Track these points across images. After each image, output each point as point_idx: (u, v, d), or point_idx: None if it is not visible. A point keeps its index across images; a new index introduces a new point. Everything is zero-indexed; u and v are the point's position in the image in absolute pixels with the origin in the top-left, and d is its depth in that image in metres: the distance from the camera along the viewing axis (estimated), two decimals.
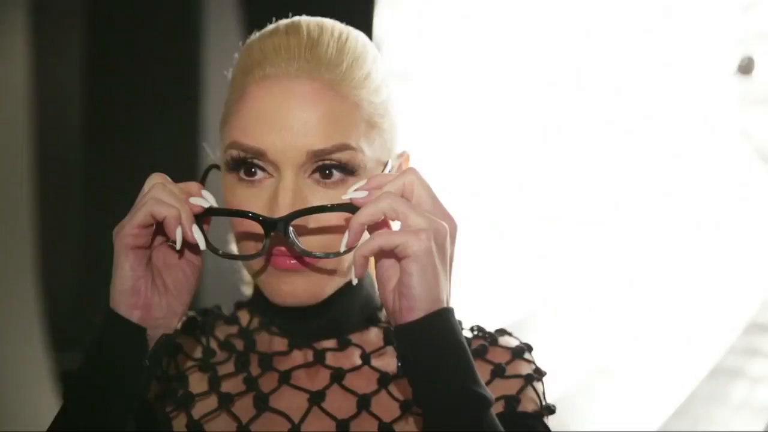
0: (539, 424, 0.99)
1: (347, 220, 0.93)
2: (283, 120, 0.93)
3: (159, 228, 0.92)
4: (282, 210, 0.93)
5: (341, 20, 1.04)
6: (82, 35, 2.60)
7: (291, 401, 1.01)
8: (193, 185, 0.95)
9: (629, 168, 2.41)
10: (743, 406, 2.22)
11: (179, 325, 1.08)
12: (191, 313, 1.11)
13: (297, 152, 0.93)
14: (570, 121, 2.40)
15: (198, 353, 1.06)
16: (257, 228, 0.93)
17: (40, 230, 2.52)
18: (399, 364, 0.88)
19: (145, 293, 0.90)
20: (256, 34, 1.02)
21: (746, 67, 2.17)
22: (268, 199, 0.94)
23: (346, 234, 0.91)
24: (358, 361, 1.04)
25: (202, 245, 0.92)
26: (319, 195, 0.95)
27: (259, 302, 1.05)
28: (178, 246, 0.91)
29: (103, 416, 0.90)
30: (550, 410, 1.01)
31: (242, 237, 0.98)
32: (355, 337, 1.06)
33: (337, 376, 1.02)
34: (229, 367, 1.05)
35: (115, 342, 0.90)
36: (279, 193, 0.93)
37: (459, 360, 0.87)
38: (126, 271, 0.90)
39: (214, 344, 1.07)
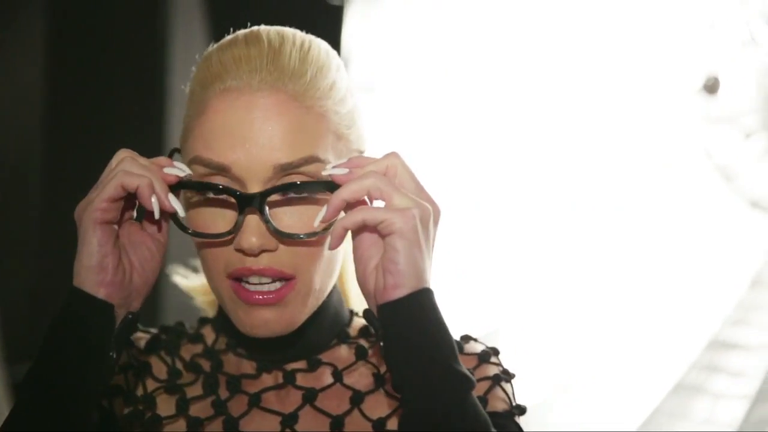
0: (510, 423, 0.98)
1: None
2: (247, 134, 0.90)
3: (126, 203, 0.89)
4: (249, 230, 0.90)
5: (309, 32, 1.02)
6: (44, 41, 2.56)
7: (262, 425, 0.98)
8: (162, 159, 0.92)
9: (592, 185, 2.42)
10: (706, 422, 2.24)
11: (143, 345, 1.05)
12: (154, 331, 1.07)
13: (263, 167, 0.90)
14: (530, 140, 2.41)
15: (163, 374, 1.02)
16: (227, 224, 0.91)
17: None
18: (381, 343, 0.86)
19: (112, 271, 0.87)
20: (214, 45, 0.98)
21: (712, 87, 2.19)
22: (235, 216, 0.91)
23: (324, 209, 0.88)
24: (330, 380, 1.02)
25: (181, 212, 0.89)
26: (288, 212, 0.92)
27: (224, 323, 1.02)
28: (156, 215, 0.88)
29: (67, 401, 0.85)
30: (521, 410, 1.00)
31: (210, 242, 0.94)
32: (325, 356, 1.03)
33: (310, 396, 1.00)
34: (197, 390, 1.01)
35: (81, 319, 0.86)
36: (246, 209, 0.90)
37: (444, 339, 0.86)
38: (93, 247, 0.86)
39: (179, 365, 1.03)
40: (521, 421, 1.01)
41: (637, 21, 2.30)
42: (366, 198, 0.89)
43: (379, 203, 0.88)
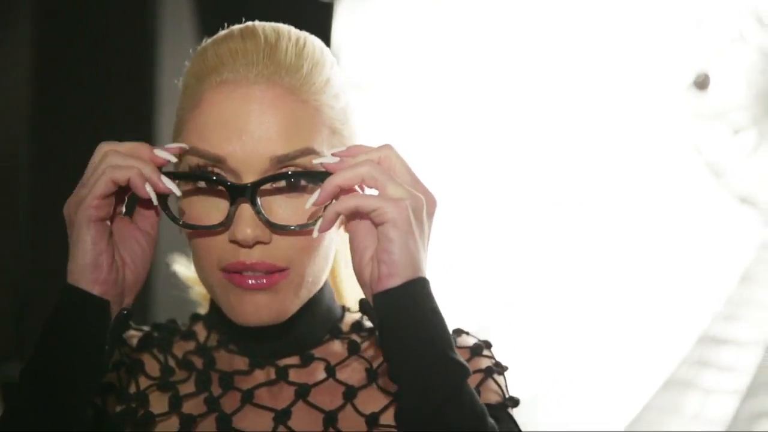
0: (504, 415, 0.98)
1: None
2: (243, 126, 0.90)
3: (116, 199, 0.89)
4: (243, 221, 0.90)
5: (299, 29, 1.02)
6: (32, 38, 2.54)
7: (255, 422, 0.98)
8: (142, 145, 0.90)
9: (581, 181, 2.43)
10: (697, 417, 2.24)
11: (135, 342, 1.05)
12: (146, 329, 1.07)
13: (259, 159, 0.90)
14: (519, 136, 2.41)
15: (156, 371, 1.02)
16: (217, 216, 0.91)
17: None
18: (377, 333, 0.86)
19: (107, 269, 0.86)
20: (208, 40, 0.99)
21: (702, 84, 2.19)
22: (228, 207, 0.91)
23: (316, 193, 0.88)
24: (323, 376, 1.02)
25: (176, 191, 0.89)
26: (284, 204, 0.92)
27: (216, 319, 1.02)
28: (155, 201, 0.88)
29: (64, 399, 0.85)
30: (515, 402, 1.00)
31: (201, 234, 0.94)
32: (318, 351, 1.03)
33: (302, 392, 1.00)
34: (190, 387, 1.01)
35: (78, 317, 0.85)
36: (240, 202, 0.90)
37: (439, 328, 0.86)
38: (87, 245, 0.86)
39: (172, 362, 1.03)
40: (513, 413, 1.01)
41: (625, 17, 2.31)
42: (357, 188, 0.89)
43: (372, 193, 0.88)
